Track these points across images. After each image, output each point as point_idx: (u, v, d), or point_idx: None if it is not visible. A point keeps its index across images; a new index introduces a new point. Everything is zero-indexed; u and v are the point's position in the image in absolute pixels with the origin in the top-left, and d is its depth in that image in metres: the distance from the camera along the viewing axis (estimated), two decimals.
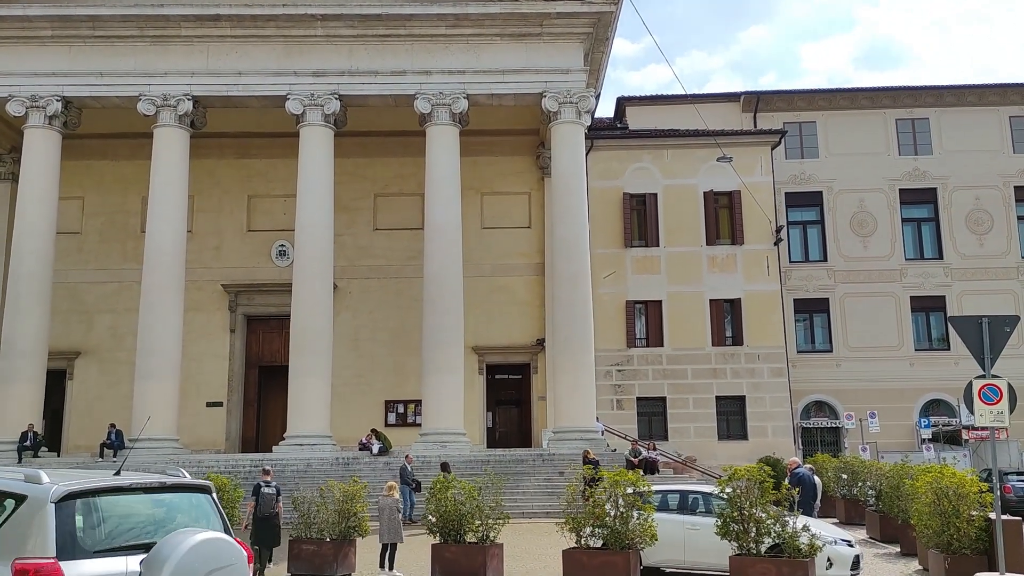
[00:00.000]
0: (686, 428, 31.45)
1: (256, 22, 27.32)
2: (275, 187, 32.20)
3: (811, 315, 34.65)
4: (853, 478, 22.00)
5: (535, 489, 23.45)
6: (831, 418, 33.53)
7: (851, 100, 35.94)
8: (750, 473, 12.29)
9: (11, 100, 27.18)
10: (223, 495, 15.81)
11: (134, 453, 25.48)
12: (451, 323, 26.35)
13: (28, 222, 27.05)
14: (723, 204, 33.19)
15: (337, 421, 26.94)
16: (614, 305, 32.11)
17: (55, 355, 29.41)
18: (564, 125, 27.45)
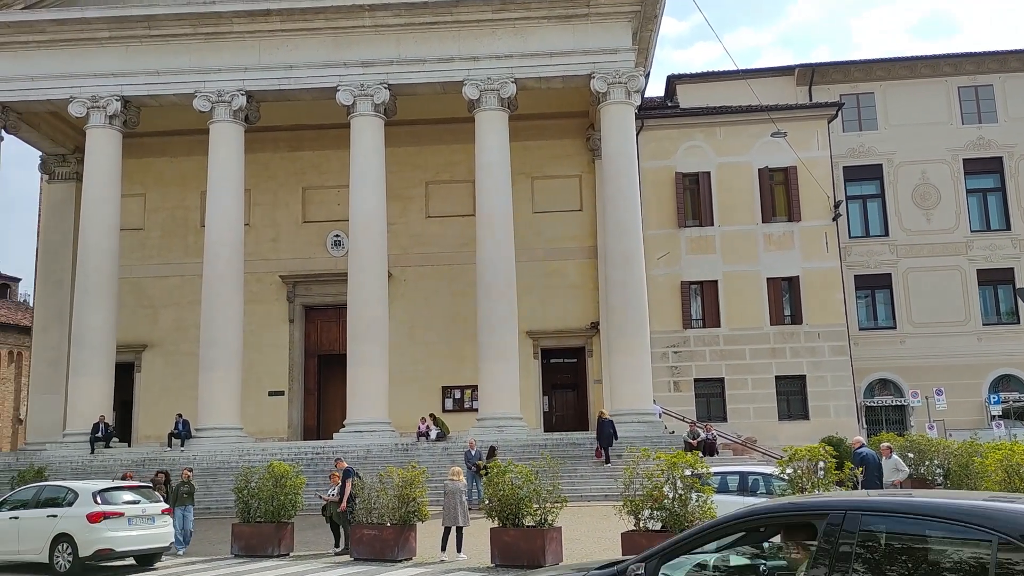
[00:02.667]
0: (745, 409, 31.08)
1: (305, 15, 27.59)
2: (329, 178, 32.58)
3: (873, 291, 33.86)
4: (920, 457, 21.53)
5: (593, 473, 23.44)
6: (896, 396, 32.78)
7: (910, 69, 34.88)
8: (811, 453, 12.10)
9: (73, 101, 27.95)
10: (284, 482, 16.18)
11: (200, 442, 26.24)
12: (505, 308, 26.42)
13: (93, 220, 27.85)
14: (779, 181, 32.56)
15: (395, 408, 27.24)
16: (669, 286, 31.81)
17: (123, 348, 30.31)
18: (613, 106, 27.20)
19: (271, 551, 15.94)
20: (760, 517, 4.93)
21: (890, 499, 4.60)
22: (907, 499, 4.55)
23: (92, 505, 14.48)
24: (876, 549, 4.24)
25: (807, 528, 4.59)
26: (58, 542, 14.36)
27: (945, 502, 4.37)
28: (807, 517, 4.68)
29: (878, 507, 4.48)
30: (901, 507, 4.39)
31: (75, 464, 25.33)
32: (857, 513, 4.40)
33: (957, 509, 4.20)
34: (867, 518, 4.38)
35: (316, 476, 22.83)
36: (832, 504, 4.60)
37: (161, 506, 15.46)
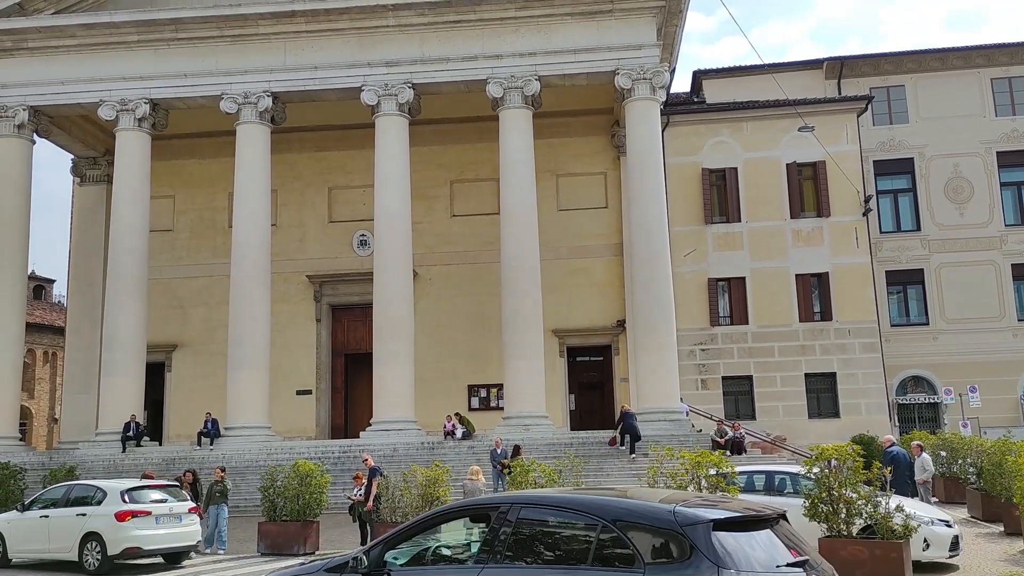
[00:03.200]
0: (774, 407, 30.76)
1: (330, 16, 27.71)
2: (354, 178, 32.71)
3: (905, 287, 33.35)
4: (953, 455, 21.15)
5: (619, 471, 23.30)
6: (929, 393, 32.27)
7: (942, 61, 34.30)
8: (838, 452, 11.90)
9: (102, 105, 28.31)
10: (310, 481, 16.25)
11: (229, 440, 26.47)
12: (530, 307, 26.36)
13: (123, 221, 28.19)
14: (807, 176, 32.17)
15: (421, 406, 27.29)
16: (695, 283, 31.56)
17: (154, 348, 30.67)
18: (638, 102, 27.03)
19: (297, 550, 16.03)
20: (457, 511, 6.51)
21: (540, 495, 6.38)
22: (550, 495, 6.32)
23: (120, 504, 14.66)
24: (526, 531, 5.81)
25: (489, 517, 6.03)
26: (87, 540, 14.55)
27: (572, 496, 6.05)
28: (487, 510, 6.11)
29: (530, 501, 6.08)
30: (545, 501, 6.08)
31: (107, 463, 25.66)
32: (518, 505, 5.94)
33: (578, 501, 5.86)
34: (524, 509, 5.90)
35: (343, 475, 22.91)
36: (501, 499, 6.21)
37: (188, 504, 15.61)
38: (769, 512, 5.77)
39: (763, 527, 5.57)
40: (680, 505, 5.53)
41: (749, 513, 5.62)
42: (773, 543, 5.48)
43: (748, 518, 5.56)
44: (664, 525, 5.34)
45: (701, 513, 5.39)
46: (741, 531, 5.43)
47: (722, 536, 5.25)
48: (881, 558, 11.13)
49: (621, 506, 5.70)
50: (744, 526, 5.50)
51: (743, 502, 6.31)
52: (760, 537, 5.47)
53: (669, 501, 5.70)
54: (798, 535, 5.90)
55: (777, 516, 5.79)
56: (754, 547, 5.36)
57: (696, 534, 5.22)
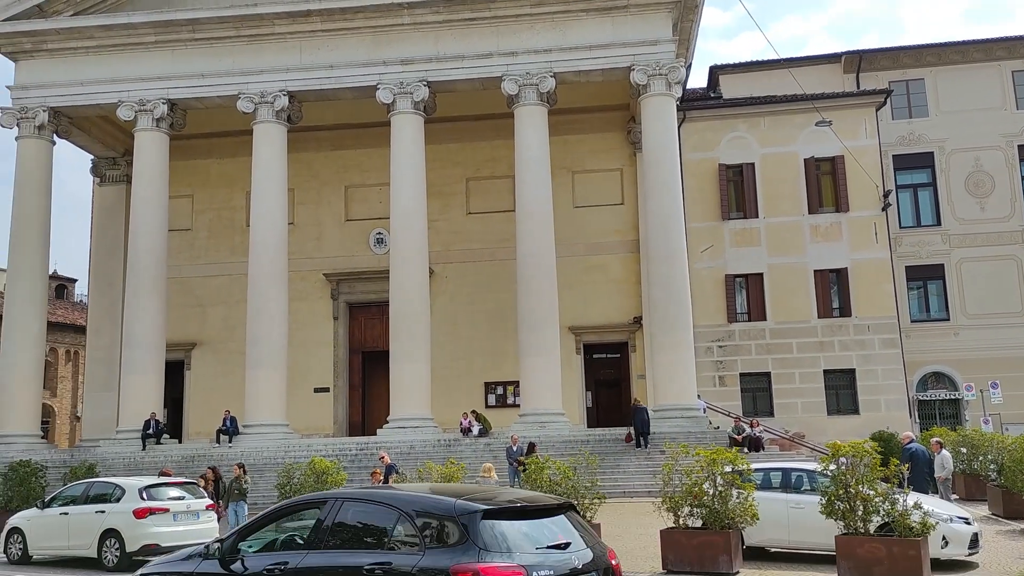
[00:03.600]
0: (792, 404, 30.57)
1: (345, 15, 27.79)
2: (370, 176, 32.81)
3: (925, 282, 33.03)
4: (973, 452, 20.93)
5: (635, 468, 23.26)
6: (950, 390, 31.96)
7: (962, 54, 33.91)
8: (855, 449, 11.81)
9: (121, 105, 28.55)
10: (326, 478, 16.32)
11: (248, 438, 26.65)
12: (545, 304, 26.34)
13: (142, 221, 28.43)
14: (825, 170, 31.93)
15: (438, 404, 27.34)
16: (713, 280, 31.41)
17: (173, 347, 30.91)
18: (654, 98, 26.93)
19: None
20: (296, 506, 7.54)
21: (358, 492, 7.50)
22: (365, 491, 7.47)
23: (138, 501, 14.78)
24: (345, 521, 6.91)
25: None
26: (106, 537, 14.68)
27: (382, 492, 7.25)
28: (318, 504, 7.23)
29: (350, 496, 7.23)
30: (361, 496, 7.20)
31: (127, 460, 25.90)
32: (340, 500, 7.11)
33: (386, 496, 6.99)
34: (345, 503, 7.03)
35: (360, 472, 23.01)
36: (329, 495, 7.35)
37: (205, 502, 15.71)
38: (546, 504, 7.02)
39: (541, 516, 6.72)
40: (463, 499, 6.62)
41: (519, 505, 6.78)
42: (544, 529, 6.58)
43: (521, 508, 6.72)
44: (445, 515, 6.46)
45: (474, 505, 6.46)
46: (514, 519, 6.55)
47: (491, 523, 6.34)
48: (899, 556, 11.04)
49: (416, 500, 6.84)
50: (519, 515, 6.63)
51: (536, 497, 7.51)
52: (531, 524, 6.59)
53: (461, 495, 6.81)
54: (584, 524, 7.12)
55: (558, 506, 6.98)
56: (520, 532, 6.46)
57: (468, 522, 6.32)
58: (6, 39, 28.83)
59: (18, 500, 20.66)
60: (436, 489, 7.45)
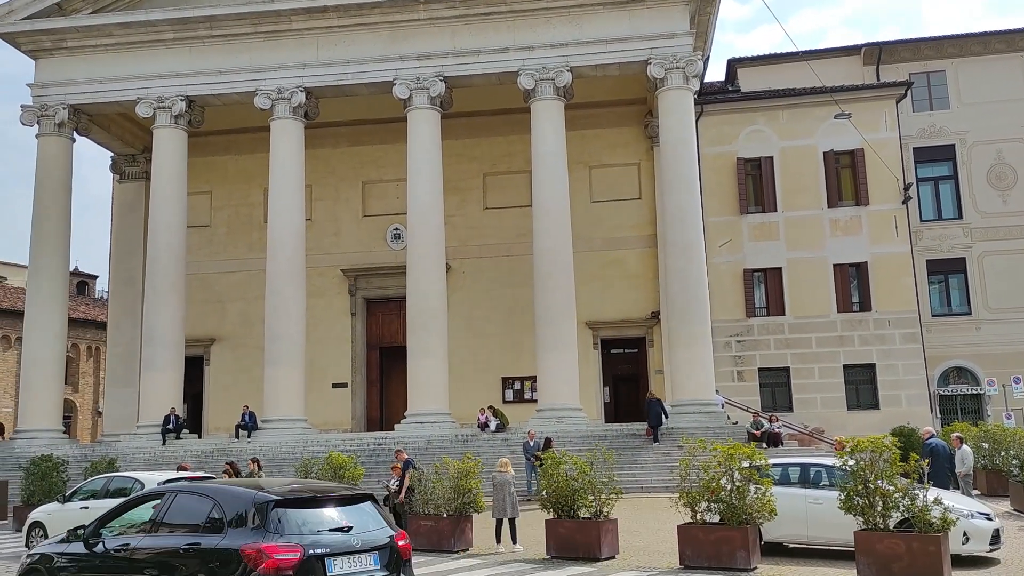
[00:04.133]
0: (812, 399, 30.36)
1: (362, 10, 27.81)
2: (387, 172, 32.85)
3: (946, 276, 32.68)
4: (995, 447, 20.69)
5: (653, 463, 23.18)
6: (972, 384, 31.62)
7: (984, 45, 33.49)
8: (873, 444, 11.69)
9: (140, 102, 28.73)
10: (343, 473, 16.35)
11: (266, 433, 26.78)
12: (562, 299, 26.28)
13: (161, 217, 28.62)
14: (845, 164, 31.64)
15: (456, 399, 27.37)
16: (731, 274, 31.22)
17: (192, 342, 31.12)
18: (671, 91, 26.78)
19: None
20: (143, 497, 8.99)
21: (187, 485, 8.96)
22: (193, 485, 8.97)
23: None
24: (175, 509, 8.25)
25: None
26: None
27: (204, 485, 8.80)
28: (159, 495, 8.65)
29: (181, 489, 8.57)
30: (188, 488, 8.59)
31: (147, 455, 26.11)
32: (174, 492, 8.50)
33: (207, 488, 8.45)
34: (178, 495, 8.40)
35: (378, 467, 23.09)
36: (166, 489, 8.80)
37: None
38: (340, 494, 8.37)
39: (335, 504, 8.10)
40: (263, 492, 7.95)
41: (307, 495, 8.12)
42: (332, 515, 7.95)
43: (311, 498, 8.07)
44: (246, 504, 7.78)
45: (268, 496, 7.79)
46: (303, 508, 7.87)
47: (281, 511, 7.68)
48: (919, 551, 10.92)
49: (227, 492, 8.18)
50: (309, 504, 7.97)
51: (332, 488, 8.81)
52: (318, 511, 7.94)
53: (266, 488, 8.11)
54: (381, 511, 8.47)
55: (354, 496, 8.36)
56: (305, 518, 7.78)
57: (262, 510, 7.65)
58: (26, 37, 29.08)
59: (40, 494, 20.87)
60: (264, 483, 8.68)
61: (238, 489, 8.22)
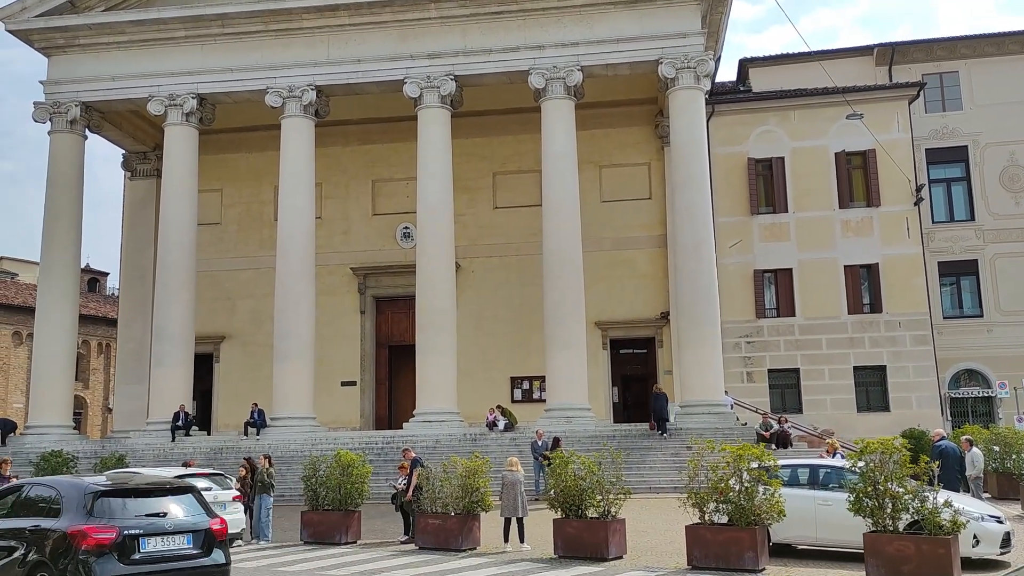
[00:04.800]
0: (822, 400, 30.23)
1: (373, 9, 27.83)
2: (397, 171, 32.87)
3: (958, 278, 32.52)
4: (1006, 450, 20.58)
5: (662, 464, 23.14)
6: (983, 387, 31.45)
7: (998, 46, 33.30)
8: (884, 446, 11.64)
9: (151, 100, 28.83)
10: (351, 471, 16.36)
11: (275, 430, 26.84)
12: (572, 299, 26.24)
13: (172, 215, 28.71)
14: (856, 165, 31.50)
15: (464, 398, 27.35)
16: (741, 275, 31.12)
17: (202, 340, 31.21)
18: (682, 91, 26.70)
19: (339, 538, 16.18)
20: (12, 488, 10.81)
21: (41, 479, 10.70)
22: (46, 479, 11.03)
23: None
24: (30, 498, 10.14)
25: None
26: None
27: (52, 478, 11.17)
28: (20, 487, 10.63)
29: (36, 482, 10.52)
30: (41, 482, 10.40)
31: (156, 451, 26.20)
32: (31, 484, 10.57)
33: (53, 480, 10.50)
34: (34, 487, 10.39)
35: (386, 465, 23.11)
36: (24, 483, 10.60)
37: (232, 493, 15.83)
38: (166, 485, 10.26)
39: (158, 495, 9.91)
40: (95, 483, 9.78)
41: (132, 486, 9.90)
42: (153, 504, 9.74)
43: (135, 488, 9.87)
44: (79, 493, 9.58)
45: (95, 487, 9.62)
46: (126, 497, 9.67)
47: (105, 499, 9.48)
48: (928, 554, 10.87)
49: (66, 483, 10.11)
50: (133, 494, 9.75)
51: (159, 480, 10.79)
52: (140, 500, 9.71)
53: (102, 481, 10.00)
54: (201, 501, 10.24)
55: (180, 488, 10.25)
56: (126, 505, 9.56)
57: (90, 498, 9.43)
58: (39, 34, 29.23)
59: None
60: (110, 476, 10.61)
61: (75, 480, 10.21)
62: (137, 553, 9.31)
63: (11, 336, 46.46)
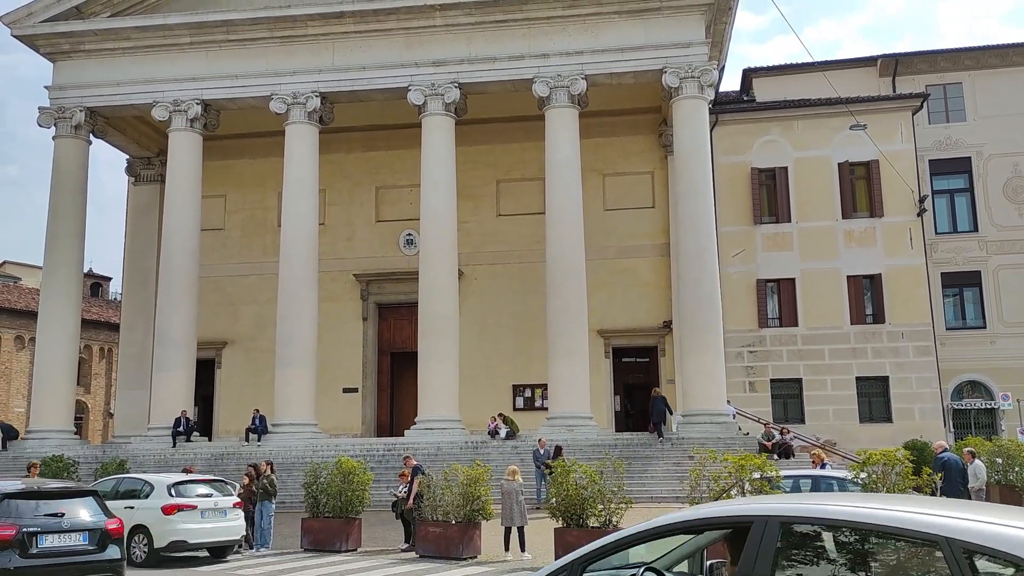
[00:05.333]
0: (824, 411, 30.17)
1: (378, 16, 27.90)
2: (401, 178, 32.90)
3: (961, 289, 32.46)
4: (1009, 462, 20.51)
5: (664, 473, 23.07)
6: (986, 399, 31.37)
7: (1001, 58, 33.33)
8: (886, 458, 11.62)
9: (156, 106, 28.89)
10: (352, 478, 16.34)
11: (276, 437, 26.81)
12: (574, 307, 26.22)
13: (175, 220, 28.74)
14: (859, 175, 31.49)
15: (466, 406, 27.31)
16: (744, 284, 31.09)
17: (204, 345, 31.20)
18: (686, 100, 26.72)
19: (339, 546, 16.14)
20: None
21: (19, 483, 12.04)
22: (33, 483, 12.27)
23: (167, 497, 14.90)
24: None
25: None
26: (135, 533, 14.81)
27: None
28: None
29: None
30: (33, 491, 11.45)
31: (157, 457, 26.16)
32: None
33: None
34: None
35: (387, 473, 23.07)
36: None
37: (233, 499, 15.80)
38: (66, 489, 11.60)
39: (60, 497, 11.07)
40: (5, 485, 10.91)
41: (34, 489, 11.15)
42: (54, 505, 10.82)
43: (37, 491, 11.08)
44: None
45: (4, 489, 10.70)
46: (29, 499, 10.80)
47: (11, 501, 10.57)
48: None
49: None
50: (35, 496, 10.91)
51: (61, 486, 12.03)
52: (42, 502, 10.80)
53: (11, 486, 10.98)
54: (100, 504, 11.44)
55: (80, 491, 11.69)
56: (28, 506, 10.69)
57: None
58: (45, 40, 29.32)
59: None
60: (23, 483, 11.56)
61: None
62: (35, 548, 10.43)
63: (13, 340, 46.49)
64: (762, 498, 6.50)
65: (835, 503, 3.92)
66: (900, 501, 4.16)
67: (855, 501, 4.01)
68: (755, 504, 4.23)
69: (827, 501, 4.01)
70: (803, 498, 4.57)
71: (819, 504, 3.94)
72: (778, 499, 4.44)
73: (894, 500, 4.34)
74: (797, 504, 4.02)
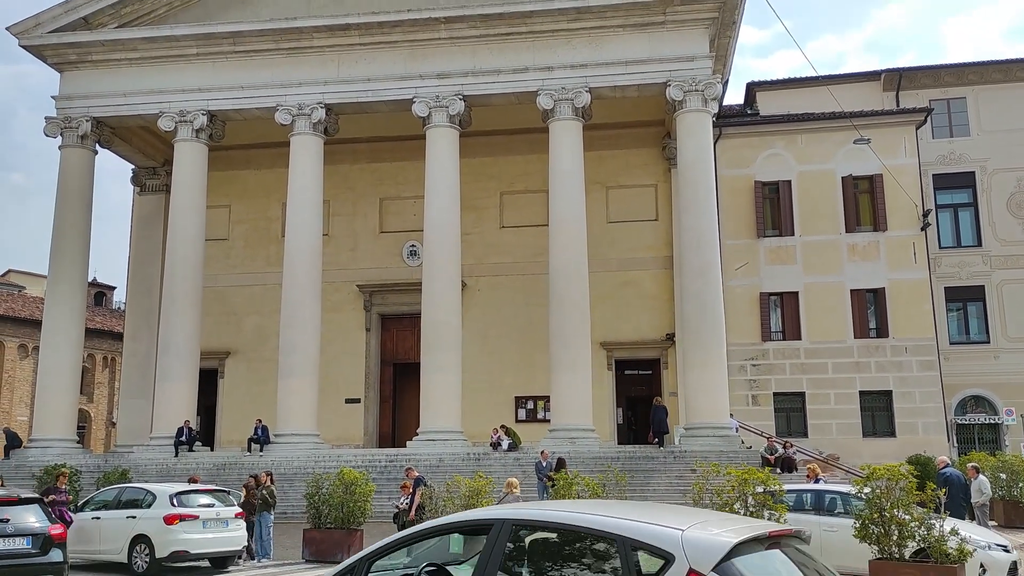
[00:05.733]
0: (827, 425, 30.09)
1: (383, 29, 28.04)
2: (405, 189, 32.98)
3: (965, 304, 32.44)
4: (1013, 478, 20.45)
5: (666, 486, 23.01)
6: (990, 414, 31.29)
7: (1005, 73, 33.40)
8: (890, 472, 11.58)
9: (162, 116, 29.02)
10: (354, 489, 16.31)
11: (278, 447, 26.79)
12: (577, 319, 26.22)
13: (180, 230, 28.81)
14: (863, 189, 31.53)
15: (469, 417, 27.29)
16: (747, 298, 31.09)
17: (208, 355, 31.22)
18: (690, 114, 26.79)
19: (340, 557, 16.05)
20: None
21: None
22: None
23: (169, 507, 14.89)
24: None
25: None
26: (136, 543, 14.80)
27: None
28: None
29: None
30: None
31: (159, 467, 26.14)
32: None
33: None
34: None
35: (389, 484, 23.04)
36: None
37: (235, 510, 15.79)
38: (16, 497, 12.06)
39: (8, 505, 11.73)
40: None
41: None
42: (1, 512, 11.59)
43: None
44: None
45: None
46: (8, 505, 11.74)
47: None
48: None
49: None
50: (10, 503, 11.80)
51: (13, 494, 12.37)
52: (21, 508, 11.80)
53: None
54: (46, 512, 12.13)
55: (27, 499, 12.13)
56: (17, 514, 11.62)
57: None
58: (52, 50, 29.49)
59: None
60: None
61: None
62: None
63: (17, 349, 46.58)
64: (500, 507, 8.06)
65: (549, 509, 5.31)
66: (591, 506, 5.46)
67: (563, 507, 5.39)
68: (495, 511, 5.67)
69: (544, 507, 5.44)
70: (528, 506, 5.87)
71: (538, 510, 5.32)
72: (512, 507, 5.67)
73: (587, 505, 5.75)
74: (524, 511, 5.34)
